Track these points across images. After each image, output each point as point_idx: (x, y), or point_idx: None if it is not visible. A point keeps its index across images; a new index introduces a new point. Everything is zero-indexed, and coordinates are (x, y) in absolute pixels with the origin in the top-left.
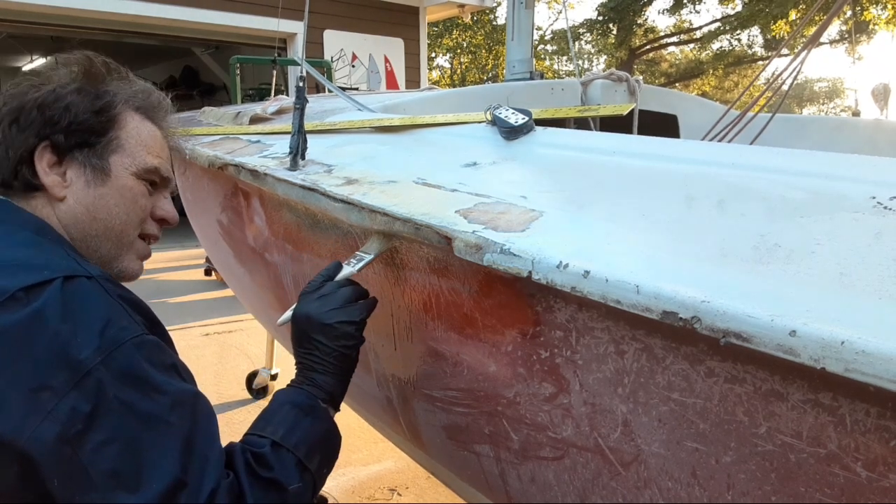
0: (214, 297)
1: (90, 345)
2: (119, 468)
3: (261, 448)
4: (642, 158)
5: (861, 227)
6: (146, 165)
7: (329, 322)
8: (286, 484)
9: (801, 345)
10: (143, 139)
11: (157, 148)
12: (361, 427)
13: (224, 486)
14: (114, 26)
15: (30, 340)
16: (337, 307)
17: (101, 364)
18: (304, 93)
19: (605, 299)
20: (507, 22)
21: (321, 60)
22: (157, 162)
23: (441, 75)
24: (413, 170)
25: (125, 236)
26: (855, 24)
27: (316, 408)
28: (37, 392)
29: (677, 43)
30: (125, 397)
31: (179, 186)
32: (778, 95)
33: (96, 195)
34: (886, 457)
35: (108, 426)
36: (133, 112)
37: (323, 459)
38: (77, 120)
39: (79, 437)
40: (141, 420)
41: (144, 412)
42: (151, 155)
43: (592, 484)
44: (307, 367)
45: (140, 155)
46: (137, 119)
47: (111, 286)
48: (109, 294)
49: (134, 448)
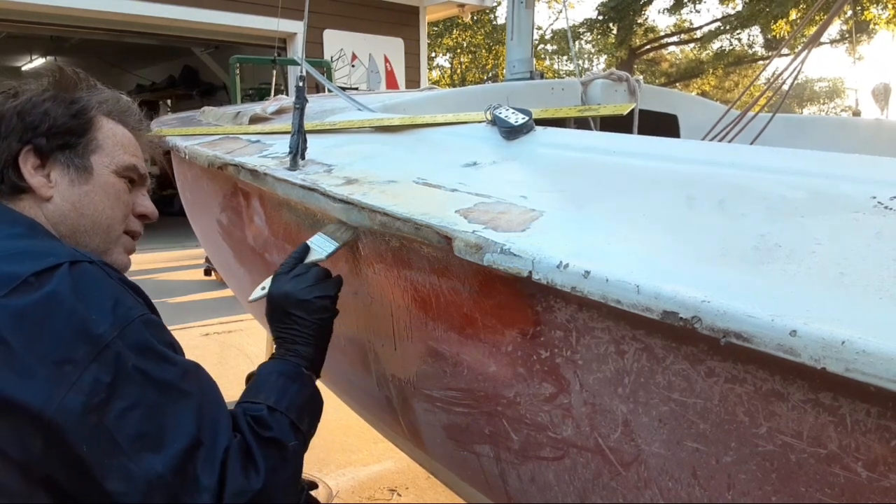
0: (214, 297)
1: (105, 321)
2: (143, 431)
3: (259, 412)
4: (642, 158)
5: (861, 227)
6: (124, 163)
7: (307, 298)
8: (285, 441)
9: (801, 345)
10: (118, 140)
11: (132, 148)
12: (361, 427)
13: (235, 445)
14: (114, 26)
15: (49, 319)
16: (312, 284)
17: (118, 338)
18: (304, 92)
19: (606, 299)
20: (507, 22)
21: (321, 60)
22: (135, 160)
23: (441, 75)
24: (413, 170)
25: (112, 231)
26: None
27: (301, 375)
28: (60, 365)
29: (677, 43)
30: (142, 366)
31: (179, 186)
32: (778, 95)
33: (81, 192)
34: (887, 457)
35: (130, 394)
36: (105, 116)
37: (311, 419)
38: (56, 123)
39: (103, 405)
40: (157, 388)
41: (160, 380)
42: (128, 154)
43: (592, 484)
44: (288, 340)
45: (118, 154)
46: (111, 122)
47: (111, 270)
48: (112, 277)
49: (154, 413)
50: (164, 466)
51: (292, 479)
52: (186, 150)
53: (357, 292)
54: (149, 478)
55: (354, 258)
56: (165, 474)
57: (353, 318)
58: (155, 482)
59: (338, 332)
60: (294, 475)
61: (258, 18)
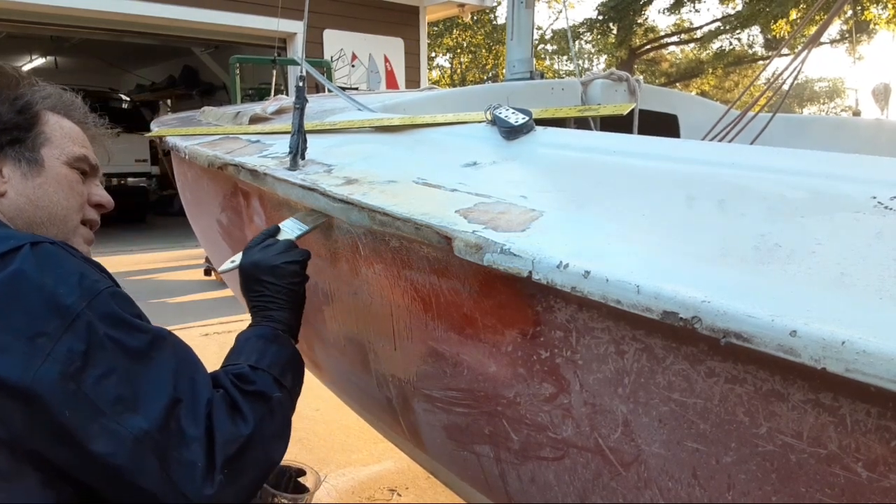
0: (214, 297)
1: (73, 293)
2: (121, 394)
3: (240, 369)
4: (642, 158)
5: (862, 226)
6: (75, 154)
7: (276, 263)
8: (269, 393)
9: (801, 345)
10: (66, 132)
11: (81, 139)
12: (361, 427)
13: (218, 398)
14: (114, 26)
15: (17, 295)
16: (280, 252)
17: (87, 308)
18: (304, 92)
19: (606, 299)
20: (507, 22)
21: (321, 60)
22: (85, 151)
23: (441, 75)
24: (413, 170)
25: (69, 221)
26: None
27: (279, 336)
28: (33, 339)
29: (677, 42)
30: (113, 335)
31: (179, 186)
32: (778, 95)
33: (35, 185)
34: (887, 457)
35: (104, 361)
36: (50, 111)
37: (294, 377)
38: (2, 120)
39: (79, 372)
40: (130, 355)
41: (132, 348)
42: (77, 145)
43: (593, 484)
44: (261, 307)
45: (67, 146)
46: (57, 116)
47: (73, 250)
48: (74, 255)
49: (129, 377)
50: (148, 423)
51: (281, 431)
52: (186, 151)
53: (357, 292)
54: (135, 435)
55: (355, 258)
56: (151, 431)
57: (353, 318)
58: (142, 438)
59: (338, 332)
60: (282, 427)
61: (258, 18)
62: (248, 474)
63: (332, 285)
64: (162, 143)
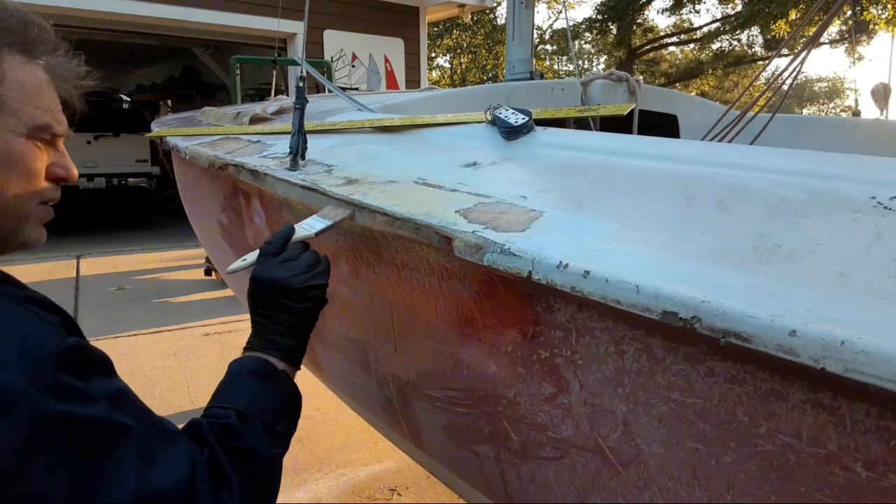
0: (214, 297)
1: (12, 367)
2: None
3: (227, 419)
4: (642, 158)
5: (861, 227)
6: (35, 123)
7: (299, 286)
8: (259, 450)
9: (801, 345)
10: (27, 91)
11: (45, 99)
12: (361, 427)
13: (201, 464)
14: (114, 26)
15: None
16: (303, 272)
17: (30, 385)
18: (304, 93)
19: (605, 299)
20: (507, 22)
21: (321, 60)
22: (48, 117)
23: (441, 75)
24: (413, 170)
25: (21, 209)
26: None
27: (275, 372)
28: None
29: (677, 43)
30: (64, 410)
31: (179, 186)
32: (778, 95)
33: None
34: (886, 457)
35: (53, 448)
36: (9, 53)
37: (289, 420)
38: None
39: (23, 467)
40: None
41: (88, 420)
42: (40, 110)
43: (592, 484)
44: (270, 329)
45: (26, 112)
46: (17, 63)
47: (14, 290)
48: (16, 302)
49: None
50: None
51: (270, 487)
52: (187, 151)
53: (357, 292)
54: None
55: (355, 258)
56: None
57: (354, 318)
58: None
59: (338, 332)
60: (272, 482)
61: (258, 18)
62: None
63: (333, 285)
64: (162, 143)
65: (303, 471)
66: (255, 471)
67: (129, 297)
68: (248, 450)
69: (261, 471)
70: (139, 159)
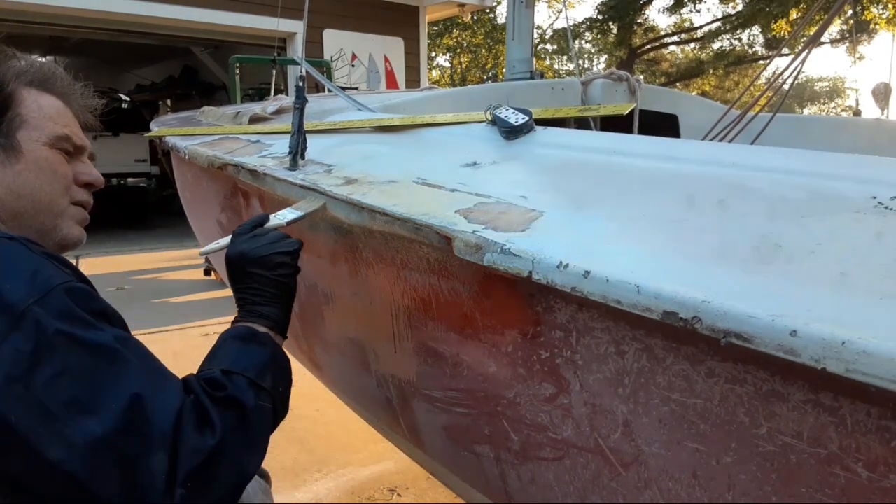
0: (214, 297)
1: (20, 290)
2: (76, 395)
3: (211, 374)
4: (642, 158)
5: (862, 227)
6: (56, 134)
7: (265, 254)
8: (243, 400)
9: (801, 345)
10: (45, 111)
11: (62, 117)
12: (361, 427)
13: (188, 404)
14: (113, 26)
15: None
16: (268, 243)
17: (36, 304)
18: (304, 92)
19: (606, 299)
20: (507, 21)
21: (321, 60)
22: (66, 130)
23: (441, 75)
24: (413, 170)
25: (55, 206)
26: (856, 23)
27: (257, 335)
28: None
29: (678, 42)
30: (68, 330)
31: (179, 186)
32: (778, 95)
33: (14, 174)
34: (887, 457)
35: (55, 359)
36: (27, 88)
37: (275, 377)
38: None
39: (27, 374)
40: (88, 350)
41: (90, 342)
42: (58, 124)
43: (593, 484)
44: (248, 301)
45: (46, 126)
46: (34, 93)
47: (34, 246)
48: (33, 252)
49: (86, 376)
50: (103, 428)
51: (256, 440)
52: (186, 150)
53: (357, 293)
54: (90, 440)
55: (355, 258)
56: (107, 436)
57: (354, 319)
58: (97, 445)
59: (338, 333)
60: (258, 436)
61: (258, 18)
62: (215, 488)
63: (333, 286)
64: (162, 143)
65: (303, 471)
66: (238, 417)
67: (128, 297)
68: (231, 398)
69: (245, 420)
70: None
